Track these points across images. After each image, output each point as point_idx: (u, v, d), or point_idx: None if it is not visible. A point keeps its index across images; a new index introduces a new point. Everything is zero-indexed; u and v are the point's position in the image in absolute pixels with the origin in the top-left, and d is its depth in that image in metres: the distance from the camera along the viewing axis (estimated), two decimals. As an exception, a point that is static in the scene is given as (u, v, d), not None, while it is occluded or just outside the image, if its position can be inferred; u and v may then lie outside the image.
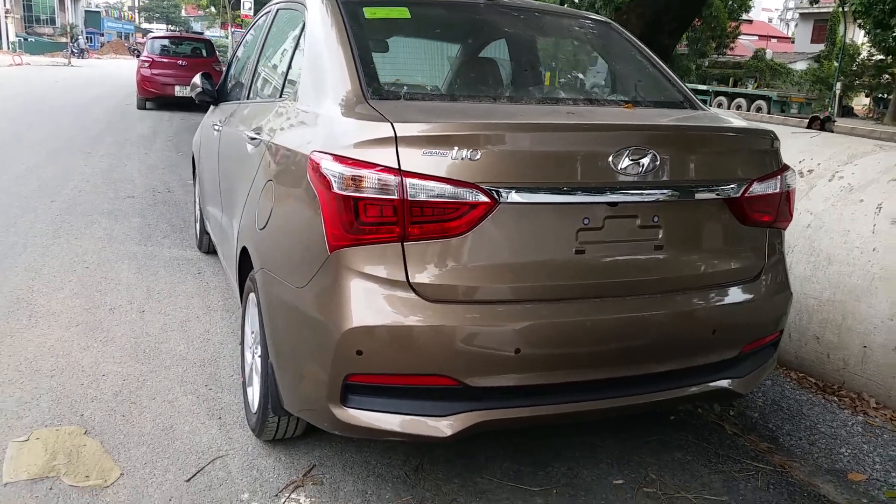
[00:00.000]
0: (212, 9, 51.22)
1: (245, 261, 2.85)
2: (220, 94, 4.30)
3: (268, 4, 3.64)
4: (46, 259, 4.68)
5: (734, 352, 2.38)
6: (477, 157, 1.94)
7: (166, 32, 36.73)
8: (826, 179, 4.17)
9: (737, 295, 2.33)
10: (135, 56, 55.85)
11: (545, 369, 2.08)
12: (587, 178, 2.05)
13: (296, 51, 2.80)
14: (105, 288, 4.25)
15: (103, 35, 67.35)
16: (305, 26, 2.66)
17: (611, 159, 2.05)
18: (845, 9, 29.67)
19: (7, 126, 11.05)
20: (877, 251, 3.69)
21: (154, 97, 14.76)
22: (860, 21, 29.01)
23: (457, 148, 1.93)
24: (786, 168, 2.42)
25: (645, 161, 2.07)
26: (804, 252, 3.93)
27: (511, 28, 2.82)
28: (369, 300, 1.97)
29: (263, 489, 2.42)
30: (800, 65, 46.75)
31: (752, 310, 2.36)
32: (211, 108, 4.57)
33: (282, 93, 2.84)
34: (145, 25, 79.58)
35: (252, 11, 31.93)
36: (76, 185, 7.01)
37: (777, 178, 2.37)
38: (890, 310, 3.54)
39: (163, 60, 14.97)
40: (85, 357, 3.31)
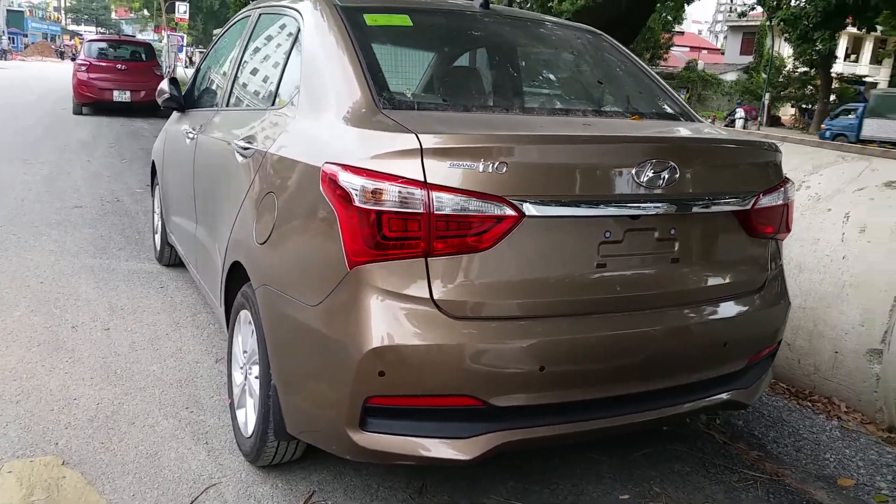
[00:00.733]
0: (144, 11, 49.82)
1: (234, 276, 2.72)
2: (188, 101, 4.13)
3: (246, 9, 3.51)
4: (-5, 274, 4.41)
5: (742, 363, 2.39)
6: (504, 170, 1.88)
7: (105, 35, 35.47)
8: (794, 189, 4.27)
9: (745, 306, 2.34)
10: (62, 59, 53.85)
11: (569, 387, 2.04)
12: (610, 191, 2.01)
13: (289, 58, 2.69)
14: (64, 304, 4.01)
15: (27, 36, 64.70)
16: (301, 33, 2.56)
17: (634, 172, 2.02)
18: (772, 22, 30.88)
19: (-67, 131, 10.45)
20: (846, 259, 3.79)
21: (92, 102, 14.20)
22: (786, 34, 30.25)
23: (483, 160, 1.87)
24: (787, 180, 2.45)
25: (666, 174, 2.05)
26: (779, 261, 4.00)
27: (513, 38, 2.78)
28: (392, 318, 1.89)
29: (264, 518, 2.30)
30: (730, 76, 48.47)
31: (758, 321, 2.37)
32: (176, 115, 4.39)
33: (274, 101, 2.72)
34: (72, 27, 76.82)
35: (187, 15, 31.14)
36: (18, 195, 6.65)
37: (781, 190, 2.39)
38: (861, 316, 3.63)
39: (101, 64, 14.41)
40: (52, 379, 3.10)
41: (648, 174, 2.03)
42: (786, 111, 45.73)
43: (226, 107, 3.35)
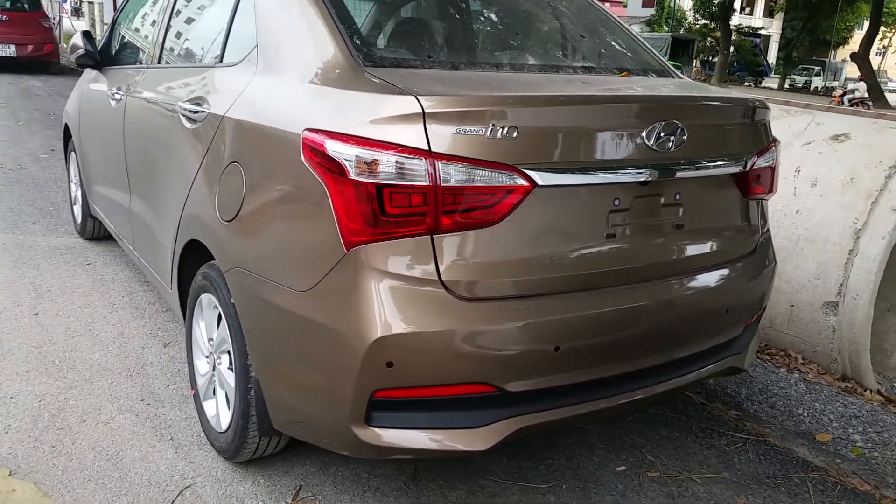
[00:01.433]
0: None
1: (189, 255, 2.46)
2: (105, 57, 3.73)
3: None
4: None
5: (741, 328, 2.33)
6: (514, 136, 1.71)
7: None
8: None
9: (742, 270, 2.27)
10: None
11: (583, 365, 1.92)
12: (621, 155, 1.88)
13: (237, 7, 2.40)
14: (-21, 288, 3.61)
15: None
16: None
17: (644, 134, 1.89)
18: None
19: None
20: (800, 213, 3.82)
21: (-30, 57, 13.01)
22: (686, -14, 30.75)
23: (493, 125, 1.69)
24: (776, 140, 2.38)
25: (675, 135, 1.92)
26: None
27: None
28: (398, 303, 1.70)
29: (250, 521, 2.11)
30: (633, 28, 49.28)
31: (754, 284, 2.32)
32: (91, 74, 3.97)
33: (222, 57, 2.44)
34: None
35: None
36: None
37: (772, 150, 2.32)
38: (816, 269, 3.68)
39: (-23, 15, 13.17)
40: (-20, 377, 2.77)
41: (658, 136, 1.90)
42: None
43: (157, 64, 3.00)
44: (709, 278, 2.15)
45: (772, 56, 43.11)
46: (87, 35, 3.62)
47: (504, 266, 1.79)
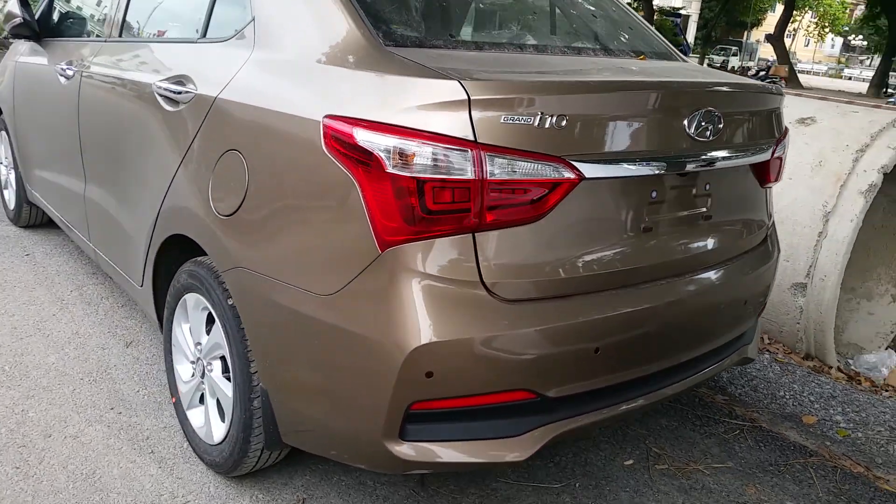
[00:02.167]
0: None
1: (168, 252, 2.23)
2: (44, 28, 3.38)
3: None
4: None
5: (754, 318, 2.30)
6: (563, 124, 1.57)
7: None
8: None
9: (757, 260, 2.22)
10: None
11: (622, 366, 1.82)
12: (663, 145, 1.77)
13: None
14: None
15: None
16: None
17: (685, 122, 1.79)
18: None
19: None
20: (769, 195, 3.85)
21: None
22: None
23: (541, 113, 1.55)
24: (786, 128, 2.33)
25: (712, 123, 1.84)
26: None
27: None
28: (438, 308, 1.56)
29: (255, 542, 1.93)
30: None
31: (766, 273, 2.27)
32: (25, 46, 3.61)
33: (205, 31, 2.20)
34: None
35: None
36: None
37: (786, 138, 2.27)
38: (786, 252, 3.71)
39: None
40: (-79, 388, 2.47)
41: (697, 125, 1.81)
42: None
43: (117, 37, 2.72)
44: (733, 269, 2.09)
45: (691, 36, 44.30)
46: (25, 3, 3.26)
47: (545, 264, 1.66)
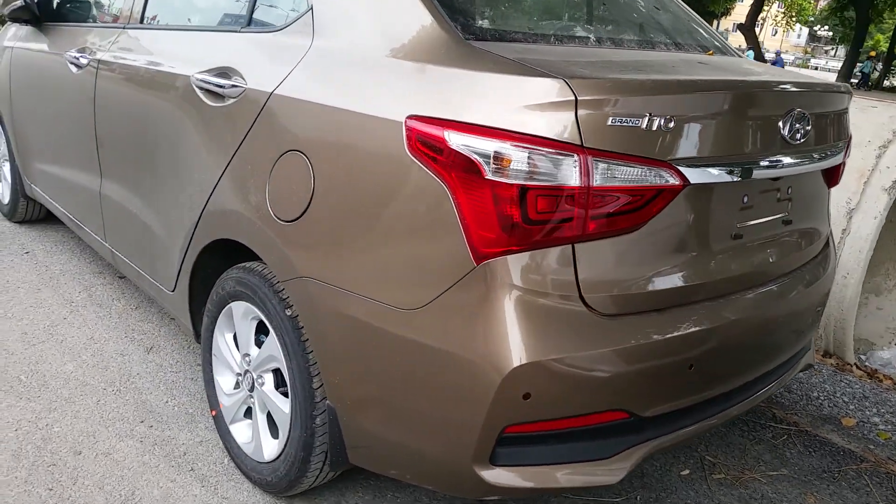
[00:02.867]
0: None
1: (208, 256, 2.09)
2: (45, 12, 3.19)
3: None
4: None
5: (818, 325, 2.23)
6: (671, 127, 1.47)
7: None
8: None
9: (823, 264, 2.15)
10: None
11: (711, 382, 1.74)
12: (760, 148, 1.68)
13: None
14: None
15: None
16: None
17: (780, 124, 1.70)
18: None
19: None
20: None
21: None
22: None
23: (650, 115, 1.44)
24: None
25: (802, 125, 1.75)
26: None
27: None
28: (537, 325, 1.45)
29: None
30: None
31: (829, 278, 2.20)
32: (19, 31, 3.40)
33: (249, 20, 2.05)
34: None
35: None
36: None
37: (851, 139, 2.20)
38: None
39: None
40: (-67, 402, 2.30)
41: (791, 126, 1.72)
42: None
43: (139, 23, 2.54)
44: (807, 274, 2.01)
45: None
46: (23, -15, 3.07)
47: (643, 276, 1.56)
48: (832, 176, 2.10)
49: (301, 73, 1.77)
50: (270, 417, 1.99)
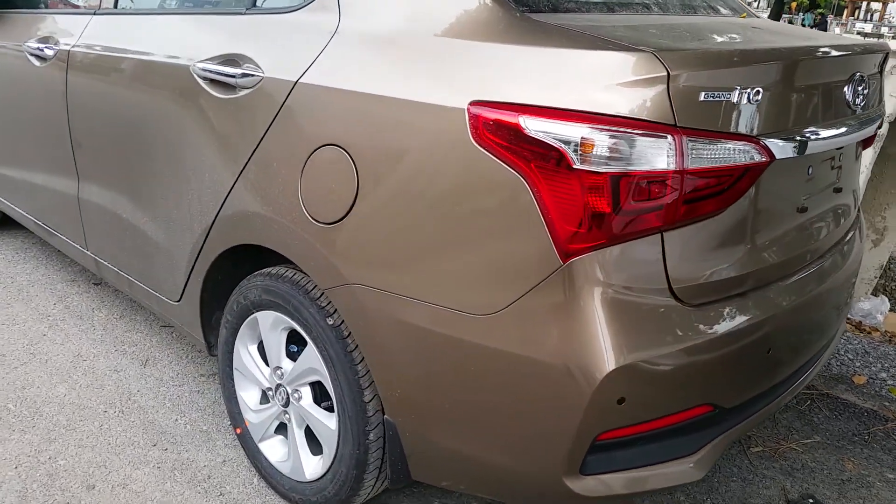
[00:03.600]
0: None
1: (227, 264, 1.92)
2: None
3: None
4: None
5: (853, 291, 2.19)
6: (758, 99, 1.37)
7: None
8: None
9: (859, 227, 2.11)
10: None
11: (784, 364, 1.67)
12: (832, 117, 1.60)
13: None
14: None
15: None
16: None
17: (846, 90, 1.62)
18: None
19: None
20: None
21: None
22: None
23: (739, 87, 1.34)
24: None
25: (862, 89, 1.68)
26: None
27: None
28: (629, 323, 1.34)
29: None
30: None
31: (863, 245, 2.17)
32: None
33: (255, 1, 1.85)
34: None
35: None
36: None
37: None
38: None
39: None
40: (-84, 443, 2.06)
41: (853, 92, 1.64)
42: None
43: (112, 8, 2.29)
44: (853, 242, 1.97)
45: None
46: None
47: (724, 260, 1.47)
48: (866, 142, 2.05)
49: (330, 58, 1.60)
50: (309, 433, 1.85)
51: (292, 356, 1.84)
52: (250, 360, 1.93)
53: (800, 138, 1.47)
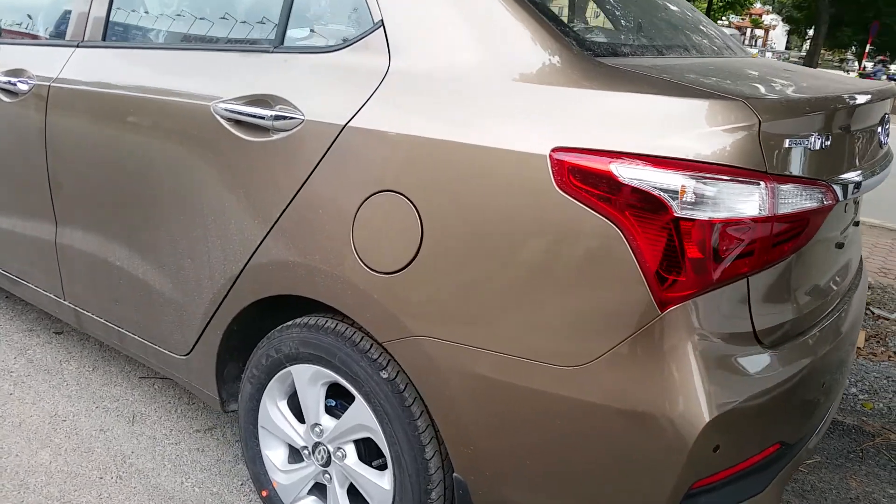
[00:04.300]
0: None
1: (251, 315, 1.80)
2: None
3: None
4: None
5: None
6: (827, 144, 1.40)
7: None
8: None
9: (862, 264, 2.21)
10: None
11: (832, 395, 1.71)
12: (872, 156, 1.66)
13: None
14: None
15: None
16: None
17: (879, 130, 1.69)
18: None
19: None
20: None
21: None
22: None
23: (817, 133, 1.37)
24: None
25: (885, 129, 1.76)
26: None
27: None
28: (723, 370, 1.33)
29: None
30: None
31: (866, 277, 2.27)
32: None
33: (283, 38, 1.75)
34: None
35: None
36: None
37: None
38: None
39: None
40: None
41: (883, 130, 1.72)
42: None
43: (101, 41, 2.12)
44: (863, 272, 2.05)
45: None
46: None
47: (793, 300, 1.50)
48: None
49: (383, 101, 1.53)
50: (352, 492, 1.75)
51: (330, 411, 1.74)
52: (280, 418, 1.82)
53: (855, 179, 1.52)
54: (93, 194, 2.08)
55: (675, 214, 1.25)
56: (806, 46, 33.65)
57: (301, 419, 1.81)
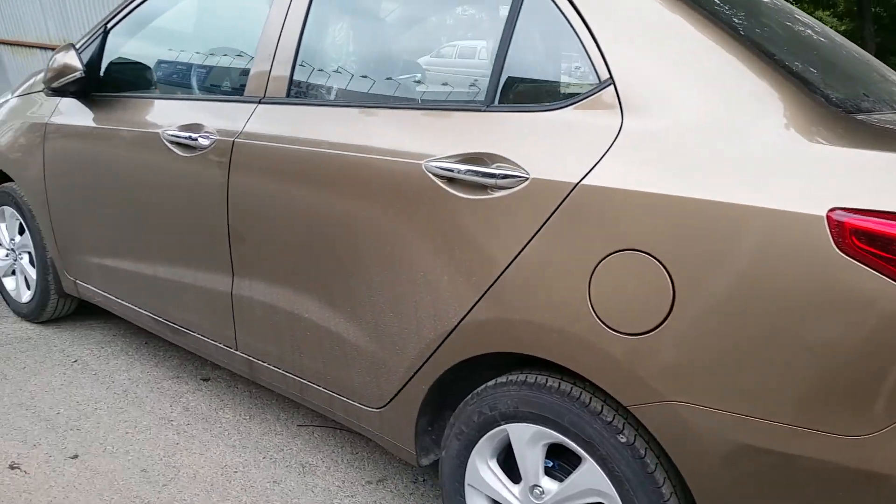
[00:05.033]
0: None
1: (460, 371, 1.79)
2: (93, 80, 2.71)
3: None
4: None
5: None
6: None
7: None
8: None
9: None
10: None
11: None
12: None
13: (514, 28, 1.73)
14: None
15: None
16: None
17: None
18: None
19: None
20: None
21: None
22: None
23: None
24: None
25: None
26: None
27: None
28: None
29: None
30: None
31: None
32: (48, 102, 2.91)
33: (494, 97, 1.74)
34: None
35: None
36: None
37: None
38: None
39: None
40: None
41: None
42: None
43: (284, 97, 2.13)
44: None
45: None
46: (78, 51, 2.59)
47: None
48: None
49: (619, 159, 1.51)
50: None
51: (549, 473, 1.71)
52: (492, 477, 1.79)
53: None
54: (279, 247, 2.10)
55: (983, 277, 1.20)
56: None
57: (512, 478, 1.78)
